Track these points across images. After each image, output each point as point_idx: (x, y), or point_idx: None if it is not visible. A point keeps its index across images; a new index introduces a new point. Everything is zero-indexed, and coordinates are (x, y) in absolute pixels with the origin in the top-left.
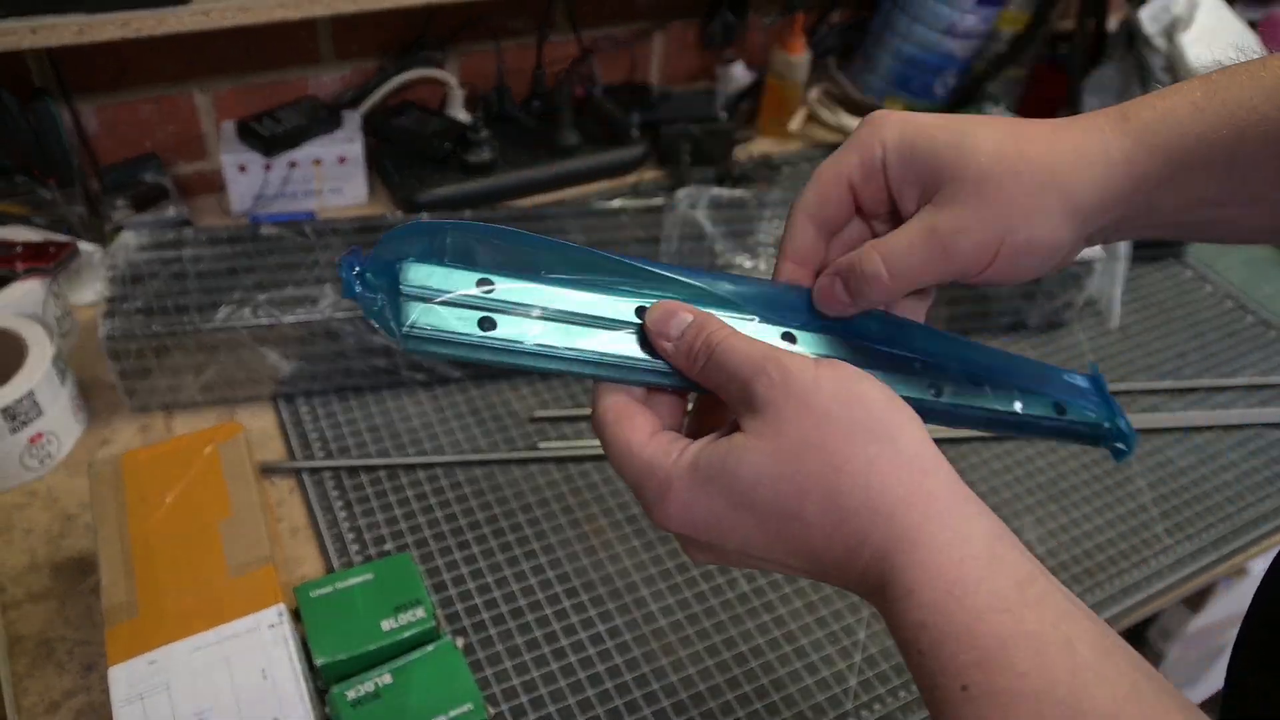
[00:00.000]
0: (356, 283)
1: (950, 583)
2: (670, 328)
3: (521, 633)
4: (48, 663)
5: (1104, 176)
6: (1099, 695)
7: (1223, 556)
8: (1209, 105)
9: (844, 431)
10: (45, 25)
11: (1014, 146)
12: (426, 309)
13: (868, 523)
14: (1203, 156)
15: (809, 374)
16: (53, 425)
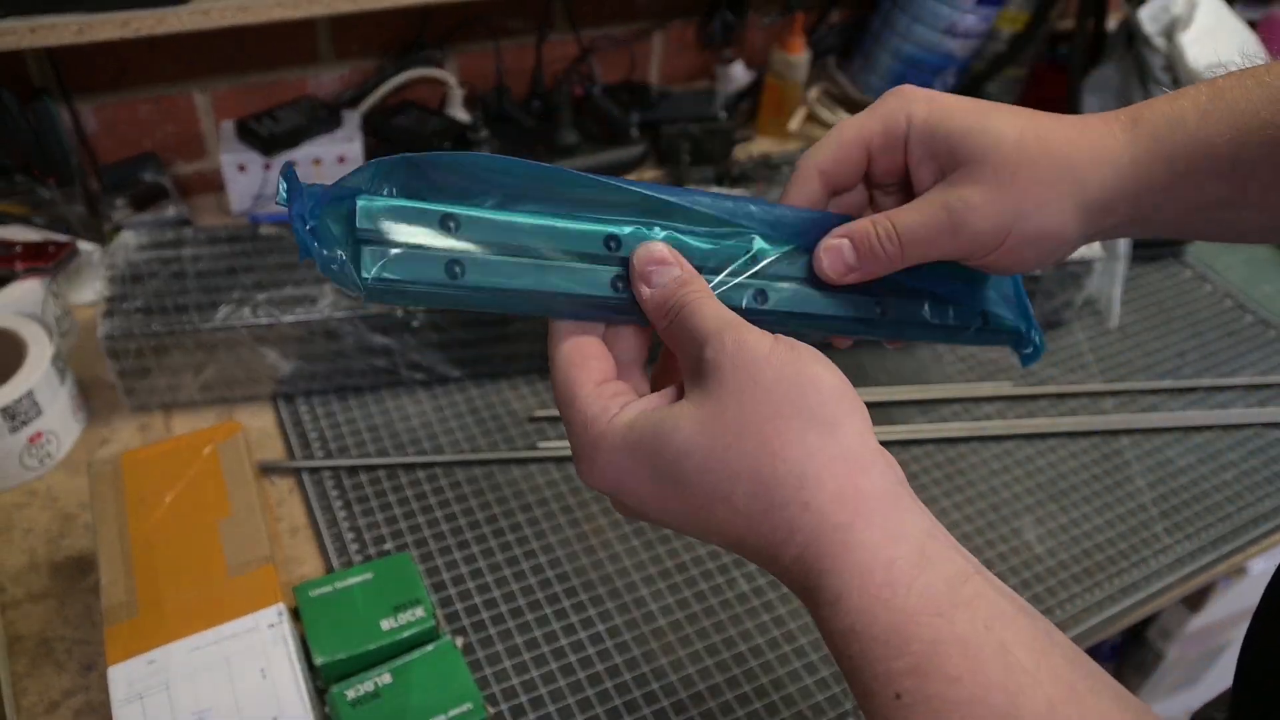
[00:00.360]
0: (311, 239)
1: (879, 585)
2: (655, 275)
3: (521, 632)
4: (47, 662)
5: (1114, 177)
6: (1035, 699)
7: (1222, 556)
8: (1214, 110)
9: (786, 413)
10: (45, 25)
11: (1036, 136)
12: (389, 259)
13: (796, 515)
14: (1207, 162)
15: (762, 348)
16: (52, 425)
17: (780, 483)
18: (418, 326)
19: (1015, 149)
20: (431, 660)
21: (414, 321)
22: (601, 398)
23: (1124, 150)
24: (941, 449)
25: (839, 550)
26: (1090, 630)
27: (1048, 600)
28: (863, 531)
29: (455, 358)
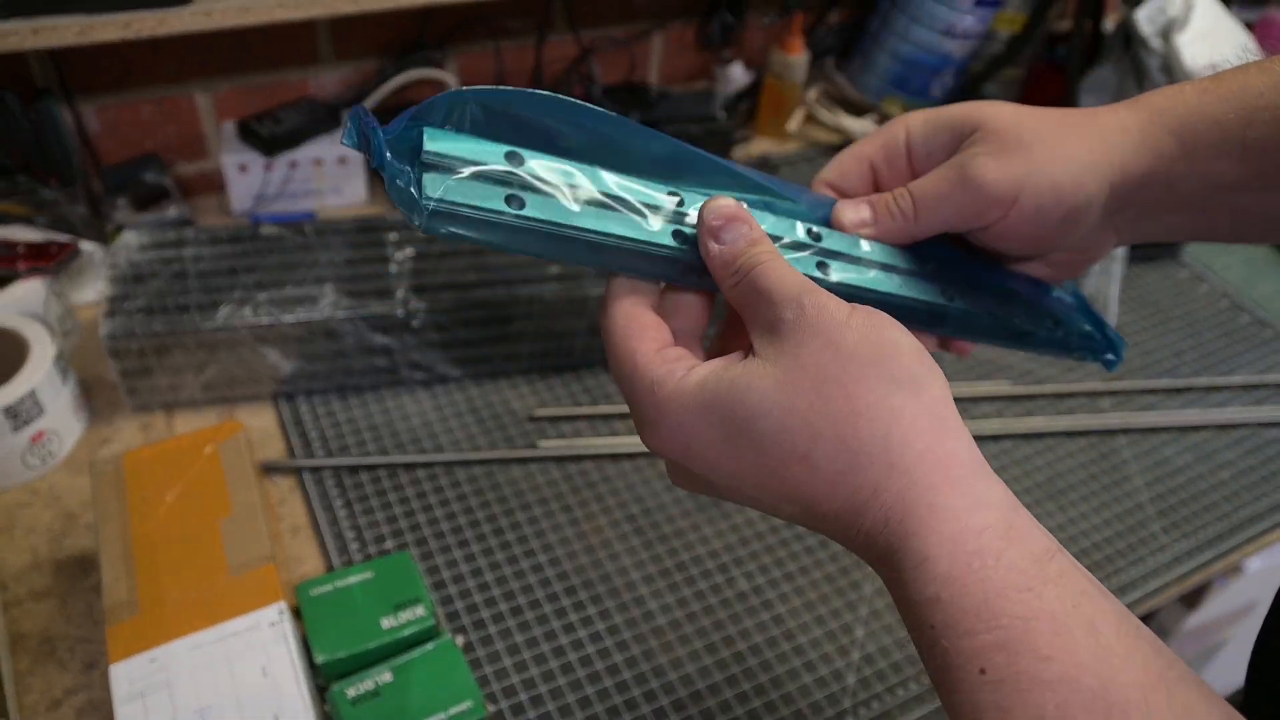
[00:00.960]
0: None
1: (969, 554)
2: (725, 231)
3: (521, 631)
4: (49, 660)
5: (1120, 145)
6: (1126, 684)
7: (1219, 555)
8: (1216, 90)
9: (870, 375)
10: (47, 26)
11: (1032, 113)
12: (451, 182)
13: (882, 476)
14: (1214, 136)
15: (842, 313)
16: (54, 424)
17: (865, 442)
18: (418, 326)
19: (1014, 119)
20: (431, 659)
21: (414, 321)
22: (666, 361)
23: (1129, 121)
24: None
25: (926, 514)
26: None
27: None
28: (951, 496)
29: (455, 357)
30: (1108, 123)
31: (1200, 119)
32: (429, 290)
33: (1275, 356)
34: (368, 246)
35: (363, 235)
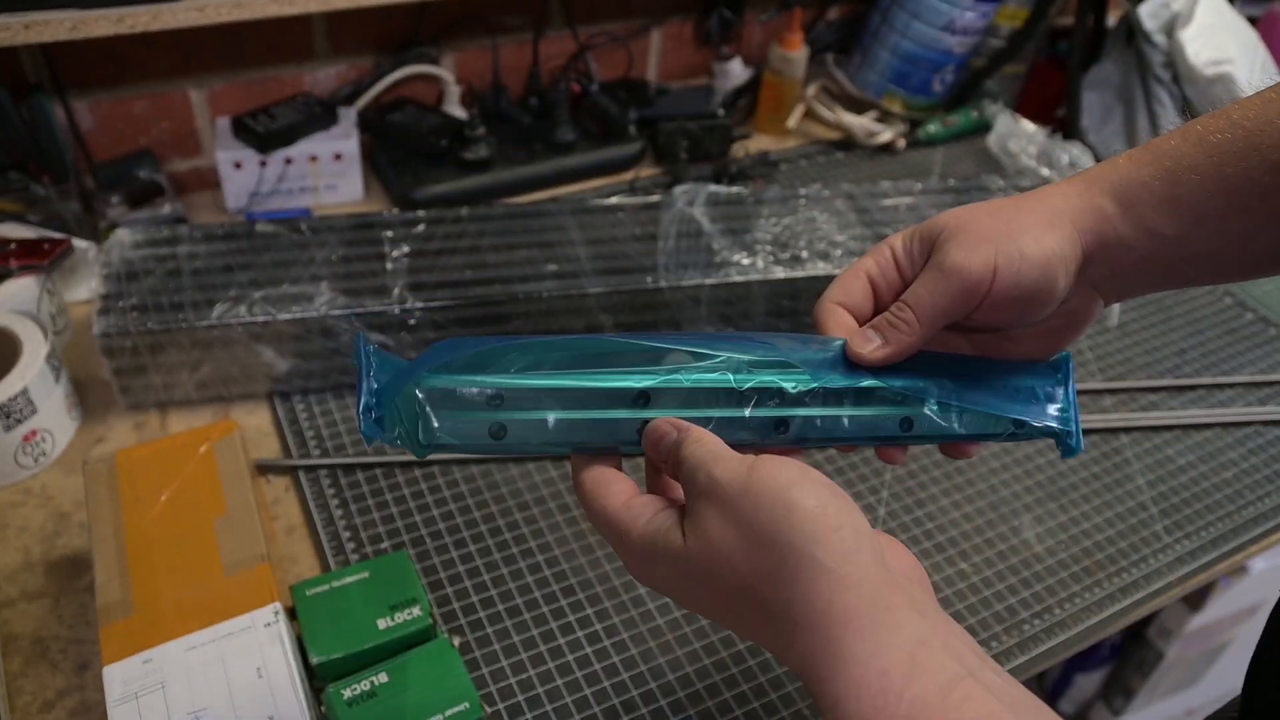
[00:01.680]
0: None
1: (873, 695)
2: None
3: (518, 631)
4: (42, 661)
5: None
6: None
7: (1223, 555)
8: (1143, 157)
9: (765, 543)
10: (39, 21)
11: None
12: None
13: (789, 633)
14: (1145, 196)
15: (735, 486)
16: (47, 423)
17: (770, 605)
18: (415, 324)
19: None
20: (428, 659)
21: (411, 319)
22: (631, 510)
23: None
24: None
25: (832, 662)
26: (1090, 629)
27: (1047, 599)
28: (854, 645)
29: None
30: (1052, 195)
31: (1131, 182)
32: (425, 288)
33: (1279, 355)
34: (364, 244)
35: (359, 232)
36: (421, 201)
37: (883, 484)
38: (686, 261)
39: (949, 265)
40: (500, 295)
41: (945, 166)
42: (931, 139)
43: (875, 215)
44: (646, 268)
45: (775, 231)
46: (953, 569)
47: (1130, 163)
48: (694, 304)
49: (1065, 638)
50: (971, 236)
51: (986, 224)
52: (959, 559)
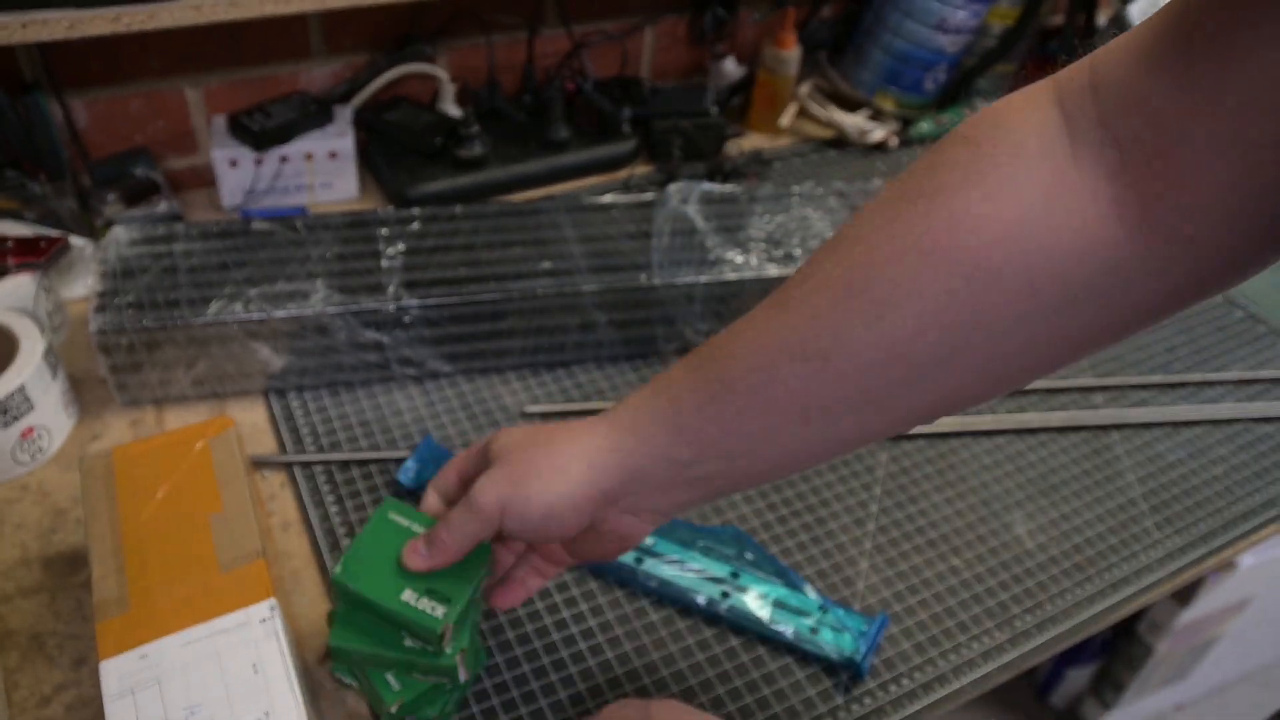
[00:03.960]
0: None
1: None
2: None
3: (512, 627)
4: (38, 657)
5: (591, 447)
6: None
7: (1212, 551)
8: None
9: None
10: (36, 20)
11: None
12: None
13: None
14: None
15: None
16: (44, 420)
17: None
18: (410, 322)
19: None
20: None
21: (406, 317)
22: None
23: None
24: (933, 444)
25: None
26: (1080, 625)
27: (1038, 595)
28: None
29: (447, 353)
30: (579, 435)
31: (641, 413)
32: (420, 286)
33: (1268, 352)
34: (359, 242)
35: (354, 230)
36: (416, 199)
37: (875, 480)
38: (680, 259)
39: (471, 496)
40: (495, 293)
41: None
42: (924, 137)
43: None
44: (640, 265)
45: (768, 229)
46: (944, 565)
47: (646, 395)
48: (688, 302)
49: (1056, 633)
50: (500, 471)
51: (516, 462)
52: (951, 555)
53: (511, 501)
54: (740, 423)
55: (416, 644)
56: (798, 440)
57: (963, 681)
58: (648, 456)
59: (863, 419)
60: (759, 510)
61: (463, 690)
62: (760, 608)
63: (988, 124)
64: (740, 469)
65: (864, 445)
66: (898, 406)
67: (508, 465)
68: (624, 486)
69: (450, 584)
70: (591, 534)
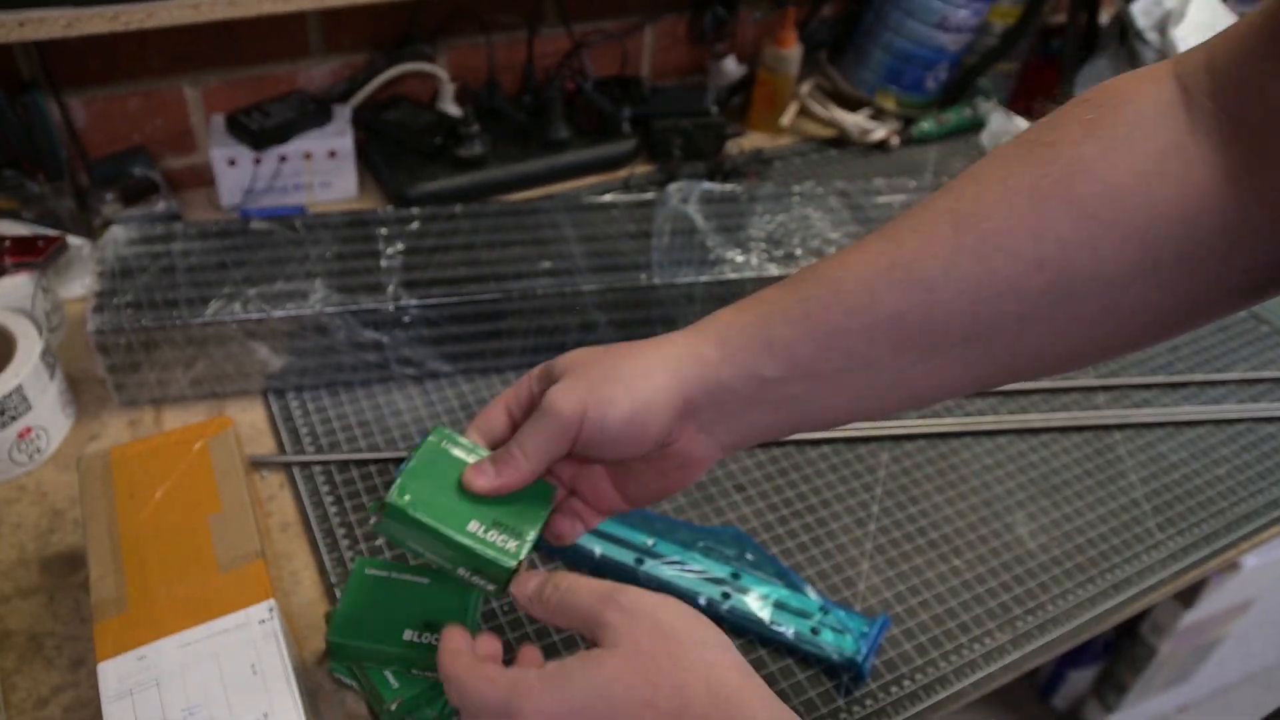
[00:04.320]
0: None
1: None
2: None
3: (512, 629)
4: (36, 658)
5: (671, 356)
6: None
7: (1215, 551)
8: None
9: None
10: (34, 18)
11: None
12: None
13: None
14: (744, 339)
15: (649, 600)
16: (41, 420)
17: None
18: (409, 322)
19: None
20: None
21: (405, 317)
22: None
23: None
24: (934, 444)
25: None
26: (1082, 626)
27: (1040, 596)
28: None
29: (446, 353)
30: (662, 344)
31: (732, 328)
32: (420, 285)
33: (1272, 352)
34: (358, 241)
35: (353, 230)
36: (416, 199)
37: (876, 481)
38: (680, 259)
39: (546, 405)
40: (495, 293)
41: (939, 164)
42: (925, 136)
43: (869, 213)
44: (640, 265)
45: (769, 229)
46: (946, 565)
47: (735, 311)
48: (688, 301)
49: (1058, 634)
50: (575, 379)
51: (593, 370)
52: (952, 555)
53: (593, 406)
54: (835, 343)
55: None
56: (888, 373)
57: (964, 683)
58: (734, 370)
59: (961, 357)
60: (759, 511)
61: None
62: (761, 609)
63: (1109, 92)
64: (823, 396)
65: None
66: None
67: (583, 374)
68: (706, 398)
69: (517, 517)
70: (656, 463)
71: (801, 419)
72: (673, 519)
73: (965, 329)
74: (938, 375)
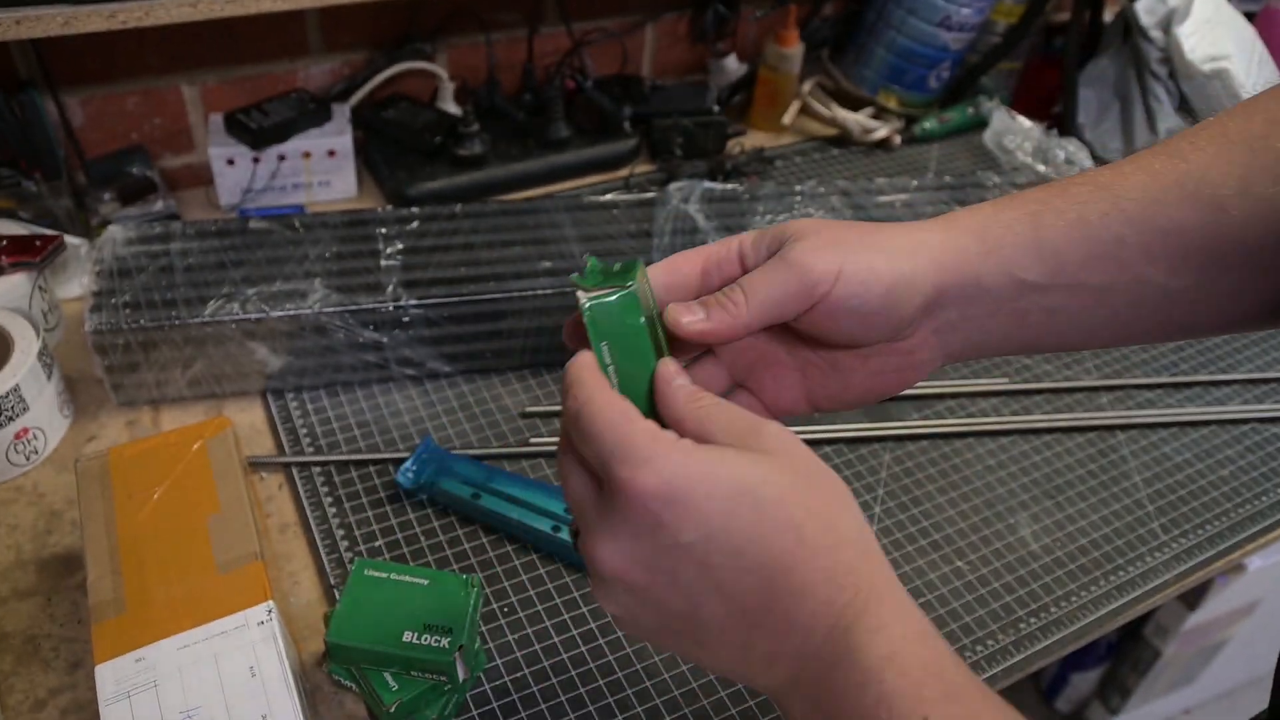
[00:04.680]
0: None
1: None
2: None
3: (512, 629)
4: (33, 660)
5: (927, 242)
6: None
7: (1220, 553)
8: (1008, 202)
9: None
10: (30, 16)
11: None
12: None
13: (856, 559)
14: (1009, 237)
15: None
16: (38, 420)
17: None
18: (409, 322)
19: (829, 224)
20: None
21: (405, 317)
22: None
23: (933, 226)
24: (937, 445)
25: (884, 587)
26: (1086, 627)
27: (1043, 597)
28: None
29: (446, 353)
30: (912, 228)
31: (994, 222)
32: (419, 285)
33: (1276, 352)
34: (357, 241)
35: (352, 229)
36: (415, 198)
37: (879, 482)
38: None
39: (793, 257)
40: (495, 293)
41: (941, 163)
42: (927, 135)
43: (871, 212)
44: None
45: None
46: (949, 567)
47: (995, 206)
48: None
49: (1061, 636)
50: (824, 240)
51: (842, 233)
52: (955, 557)
53: (851, 270)
54: (1109, 252)
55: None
56: (1155, 295)
57: None
58: (992, 266)
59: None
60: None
61: (462, 692)
62: None
63: None
64: (1080, 311)
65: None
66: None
67: (831, 236)
68: (958, 293)
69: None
70: (874, 359)
71: (1045, 336)
72: None
73: (1251, 252)
74: (1205, 301)
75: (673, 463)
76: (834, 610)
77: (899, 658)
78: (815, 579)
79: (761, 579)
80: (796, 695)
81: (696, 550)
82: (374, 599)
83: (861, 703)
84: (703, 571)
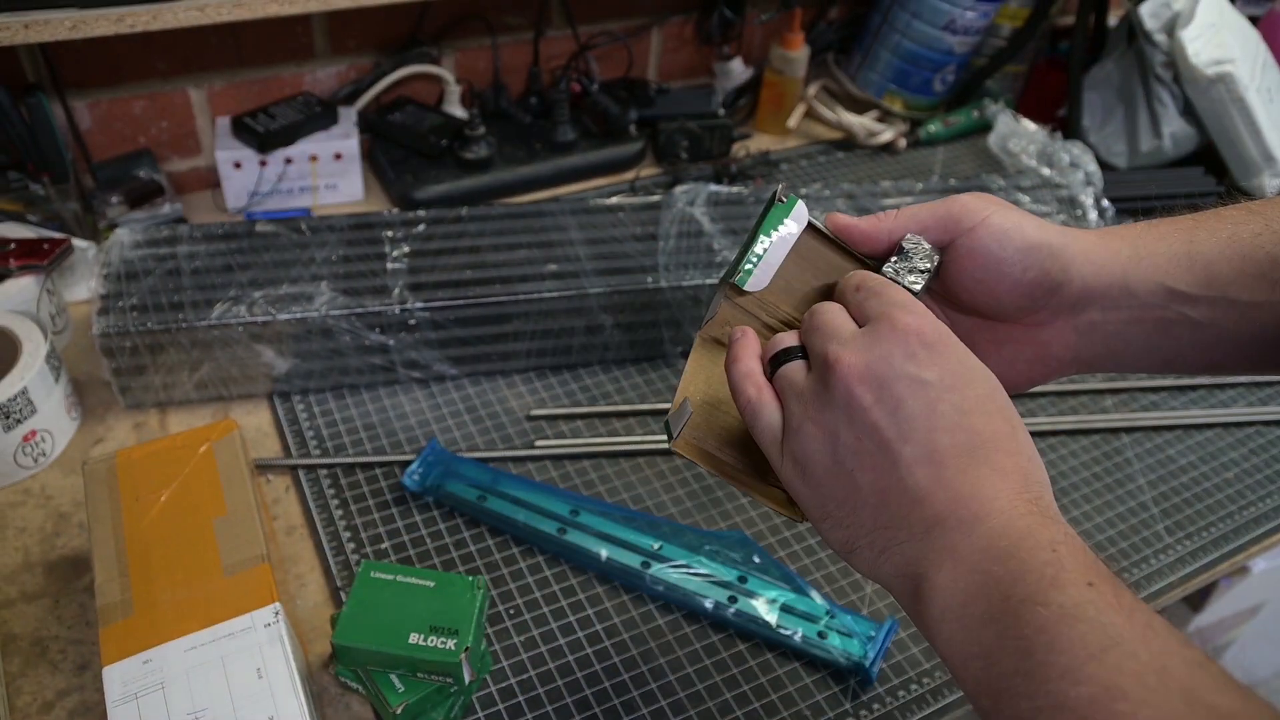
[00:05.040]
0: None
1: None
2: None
3: (518, 631)
4: (41, 662)
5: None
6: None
7: (1224, 555)
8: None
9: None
10: (39, 20)
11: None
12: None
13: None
14: (1161, 246)
15: None
16: (46, 423)
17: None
18: (415, 324)
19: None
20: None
21: (411, 319)
22: None
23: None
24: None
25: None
26: None
27: None
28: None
29: (452, 356)
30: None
31: (1147, 233)
32: (426, 288)
33: None
34: (364, 244)
35: (359, 232)
36: (422, 201)
37: None
38: (687, 261)
39: (951, 197)
40: (501, 295)
41: (946, 166)
42: (932, 139)
43: None
44: (647, 268)
45: None
46: None
47: (1148, 223)
48: (694, 304)
49: None
50: (986, 198)
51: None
52: None
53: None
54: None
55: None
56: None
57: None
58: (1143, 271)
59: None
60: (765, 514)
61: (468, 694)
62: (768, 612)
63: None
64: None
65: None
66: None
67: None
68: (1103, 294)
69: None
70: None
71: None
72: (679, 523)
73: None
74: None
75: (939, 322)
76: (1021, 500)
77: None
78: (1012, 469)
79: (973, 443)
80: (948, 562)
81: (931, 390)
82: (380, 601)
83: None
84: (927, 410)
